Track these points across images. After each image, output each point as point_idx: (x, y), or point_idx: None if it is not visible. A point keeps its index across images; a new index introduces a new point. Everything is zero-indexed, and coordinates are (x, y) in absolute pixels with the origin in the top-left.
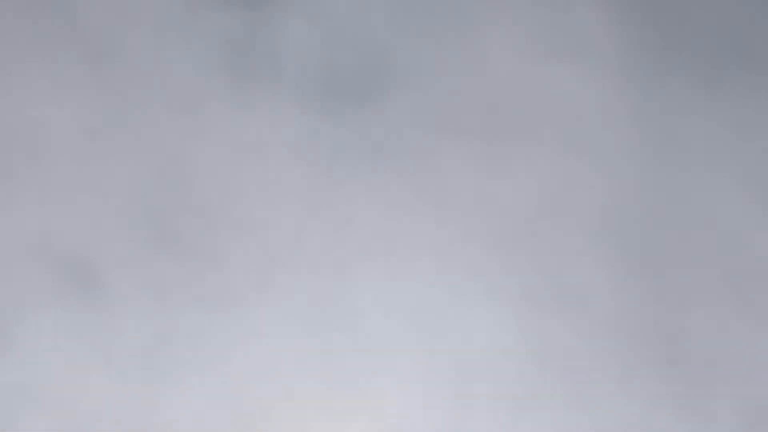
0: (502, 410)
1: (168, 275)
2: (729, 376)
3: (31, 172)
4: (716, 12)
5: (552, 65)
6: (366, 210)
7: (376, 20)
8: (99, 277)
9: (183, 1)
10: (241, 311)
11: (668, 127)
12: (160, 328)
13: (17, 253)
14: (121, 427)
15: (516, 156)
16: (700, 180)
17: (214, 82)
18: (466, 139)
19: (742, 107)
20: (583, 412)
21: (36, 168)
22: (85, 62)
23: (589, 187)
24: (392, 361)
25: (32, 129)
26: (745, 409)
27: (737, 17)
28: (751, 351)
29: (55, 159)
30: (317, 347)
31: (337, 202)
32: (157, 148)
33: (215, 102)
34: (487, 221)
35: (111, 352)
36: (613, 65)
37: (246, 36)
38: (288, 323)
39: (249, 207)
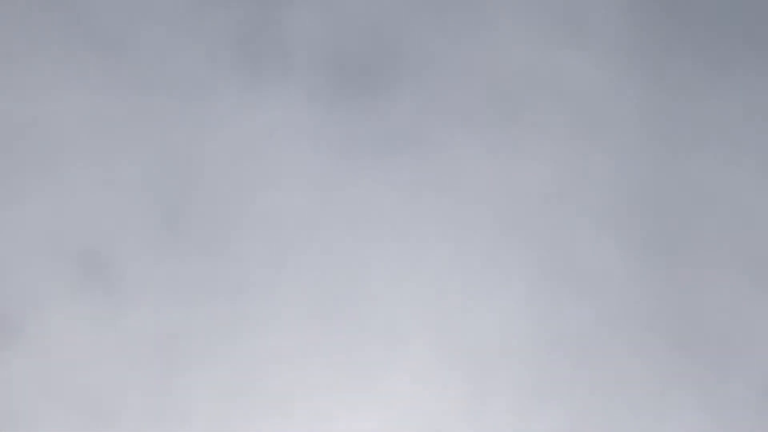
0: (517, 394)
1: (181, 266)
2: (744, 356)
3: (44, 166)
4: None
5: (563, 51)
6: (378, 198)
7: (387, 9)
8: (113, 270)
9: None
10: (254, 301)
11: (680, 110)
12: (174, 318)
13: (31, 246)
14: (137, 417)
15: (528, 142)
16: (713, 162)
17: (225, 72)
18: (478, 126)
19: (753, 88)
20: (599, 394)
21: (48, 162)
22: (96, 56)
23: (602, 171)
24: (406, 347)
25: (45, 123)
26: (760, 387)
27: None
28: (765, 330)
29: (68, 153)
30: (331, 335)
31: (350, 190)
32: (168, 140)
33: (226, 93)
34: (501, 207)
35: (126, 344)
36: (623, 49)
37: (256, 26)
38: (302, 312)
39: (261, 197)
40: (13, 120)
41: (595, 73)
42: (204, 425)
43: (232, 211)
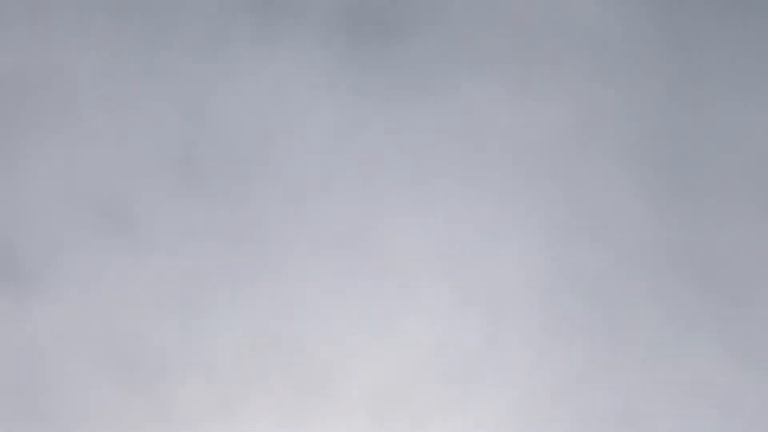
0: (534, 334)
1: (199, 213)
2: (763, 293)
3: (62, 116)
4: None
5: None
6: (394, 143)
7: None
8: (132, 217)
9: None
10: (272, 246)
11: (696, 50)
12: (194, 264)
13: (50, 195)
14: (158, 362)
15: (544, 85)
16: (729, 101)
17: (239, 21)
18: (493, 69)
19: None
20: (616, 333)
21: (66, 112)
22: (110, 7)
23: (619, 112)
24: (424, 289)
25: (62, 74)
26: None
27: None
28: None
29: (85, 103)
30: (349, 278)
31: (365, 135)
32: (185, 89)
33: (240, 41)
34: (517, 150)
35: (145, 290)
36: None
37: None
38: (320, 255)
39: (277, 143)
40: (32, 72)
41: (612, 13)
42: (225, 369)
43: (248, 158)
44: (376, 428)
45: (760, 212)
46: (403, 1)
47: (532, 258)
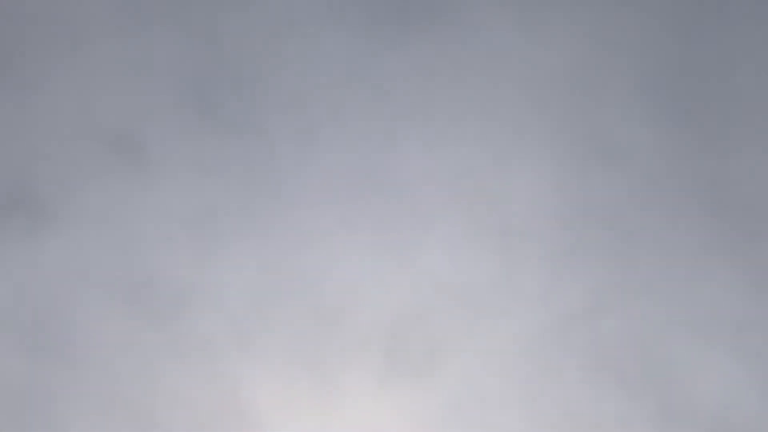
0: (547, 265)
1: (212, 145)
2: None
3: (74, 50)
4: None
5: None
6: (406, 74)
7: None
8: (144, 152)
9: None
10: (284, 179)
11: None
12: (206, 197)
13: (62, 130)
14: (171, 296)
15: (557, 15)
16: (745, 26)
17: None
18: (505, 1)
19: None
20: (629, 263)
21: (79, 45)
22: None
23: (632, 40)
24: (436, 222)
25: (73, 7)
26: None
27: None
28: None
29: (97, 36)
30: (361, 212)
31: (377, 67)
32: (196, 21)
33: None
34: (529, 80)
35: (158, 224)
36: None
37: None
38: (331, 189)
39: (288, 79)
40: (41, 4)
41: None
42: (238, 301)
43: (259, 90)
44: (390, 358)
45: None
46: None
47: (544, 187)
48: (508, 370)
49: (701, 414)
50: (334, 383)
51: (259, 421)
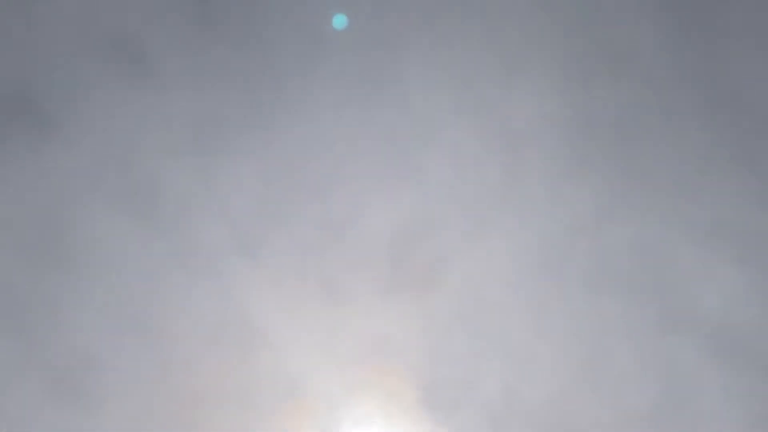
0: (552, 174)
1: (215, 57)
2: None
3: None
4: None
5: None
6: None
7: None
8: (147, 62)
9: None
10: (290, 87)
11: None
12: (211, 105)
13: (65, 37)
14: (175, 204)
15: None
16: None
17: None
18: None
19: None
20: (633, 176)
21: None
22: None
23: None
24: (442, 130)
25: None
26: None
27: None
28: None
29: None
30: (367, 119)
31: None
32: None
33: None
34: None
35: (162, 132)
36: None
37: None
38: (336, 96)
39: None
40: None
41: None
42: (242, 211)
43: (264, 1)
44: (395, 268)
45: None
46: None
47: (550, 95)
48: (513, 279)
49: (703, 321)
50: (340, 293)
51: (264, 330)
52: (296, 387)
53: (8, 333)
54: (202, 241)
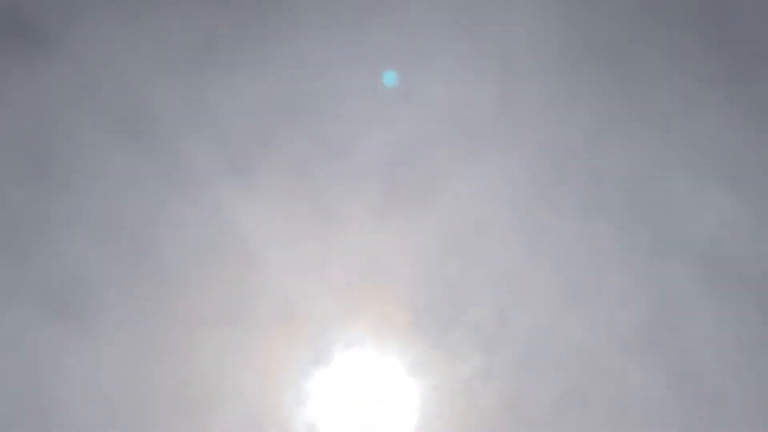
0: (548, 97)
1: None
2: None
3: None
4: None
5: None
6: None
7: None
8: None
9: None
10: (284, 12)
11: None
12: (206, 28)
13: None
14: (170, 124)
15: None
16: None
17: None
18: None
19: None
20: (629, 97)
21: None
22: None
23: None
24: (437, 51)
25: None
26: None
27: None
28: None
29: None
30: (361, 40)
31: None
32: None
33: None
34: None
35: (157, 51)
36: None
37: None
38: (331, 23)
39: None
40: None
41: None
42: (238, 129)
43: None
44: (390, 188)
45: None
46: None
47: (547, 17)
48: (507, 201)
49: (695, 246)
50: (333, 215)
51: (257, 251)
52: (288, 308)
53: (0, 251)
54: (196, 160)
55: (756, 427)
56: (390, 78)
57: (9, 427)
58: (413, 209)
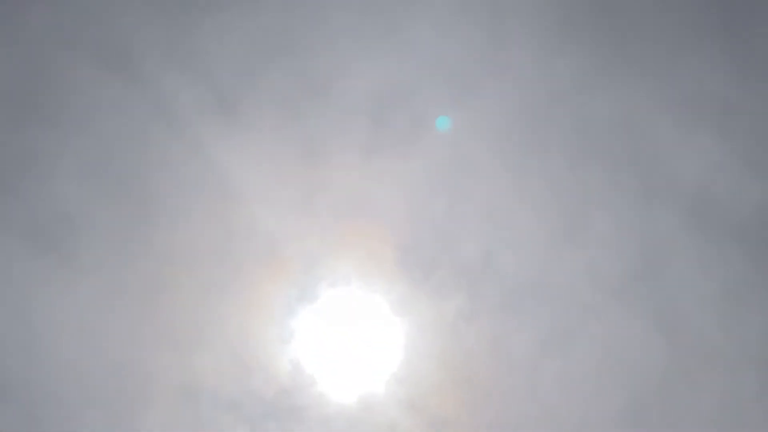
0: (536, 42)
1: None
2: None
3: None
4: None
5: None
6: None
7: None
8: None
9: None
10: None
11: None
12: None
13: None
14: (154, 59)
15: None
16: None
17: None
18: None
19: None
20: (617, 45)
21: None
22: None
23: None
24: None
25: None
26: None
27: None
28: None
29: None
30: None
31: None
32: None
33: None
34: None
35: None
36: None
37: None
38: None
39: None
40: None
41: None
42: (222, 69)
43: None
44: (376, 129)
45: None
46: None
47: None
48: (494, 144)
49: (683, 191)
50: (320, 153)
51: (242, 189)
52: (274, 246)
53: None
54: (181, 98)
55: (737, 371)
56: (443, 122)
57: None
58: (400, 149)
